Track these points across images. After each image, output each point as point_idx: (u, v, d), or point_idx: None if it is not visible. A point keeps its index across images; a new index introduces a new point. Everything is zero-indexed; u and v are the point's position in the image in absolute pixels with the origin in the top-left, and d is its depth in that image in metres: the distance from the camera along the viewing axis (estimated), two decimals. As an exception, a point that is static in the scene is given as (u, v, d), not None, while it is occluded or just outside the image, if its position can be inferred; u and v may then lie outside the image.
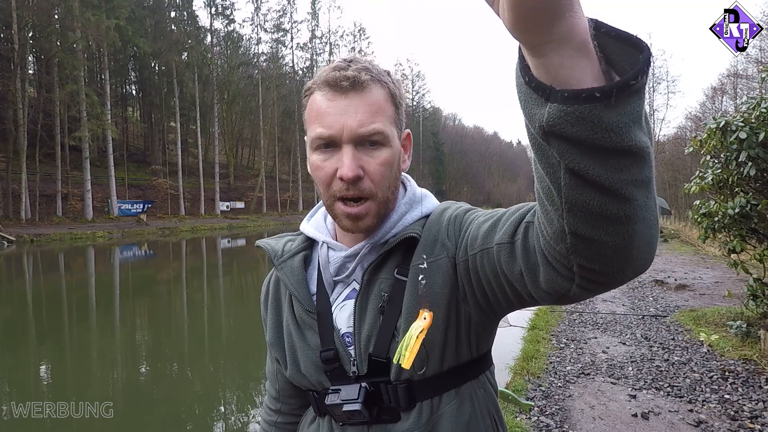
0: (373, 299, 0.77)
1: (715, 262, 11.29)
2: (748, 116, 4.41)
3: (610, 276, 0.49)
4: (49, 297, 10.60)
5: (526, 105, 0.41)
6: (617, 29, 0.39)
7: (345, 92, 0.71)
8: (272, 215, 45.29)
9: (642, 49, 0.38)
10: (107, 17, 30.96)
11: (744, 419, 3.20)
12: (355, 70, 0.72)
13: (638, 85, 0.37)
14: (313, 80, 0.76)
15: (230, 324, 8.27)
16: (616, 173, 0.41)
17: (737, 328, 4.86)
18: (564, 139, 0.40)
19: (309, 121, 0.75)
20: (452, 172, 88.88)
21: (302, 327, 0.83)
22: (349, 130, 0.71)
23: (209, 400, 4.86)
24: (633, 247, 0.46)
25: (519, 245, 0.60)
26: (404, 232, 0.78)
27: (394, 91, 0.76)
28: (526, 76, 0.40)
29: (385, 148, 0.74)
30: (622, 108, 0.38)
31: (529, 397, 3.64)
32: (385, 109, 0.74)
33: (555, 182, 0.44)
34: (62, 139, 30.21)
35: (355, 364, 0.78)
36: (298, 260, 0.86)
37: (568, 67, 0.37)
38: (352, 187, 0.72)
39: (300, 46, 56.30)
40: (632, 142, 0.39)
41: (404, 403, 0.76)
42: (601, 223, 0.44)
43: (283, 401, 0.96)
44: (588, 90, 0.37)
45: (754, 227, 4.61)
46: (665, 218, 27.34)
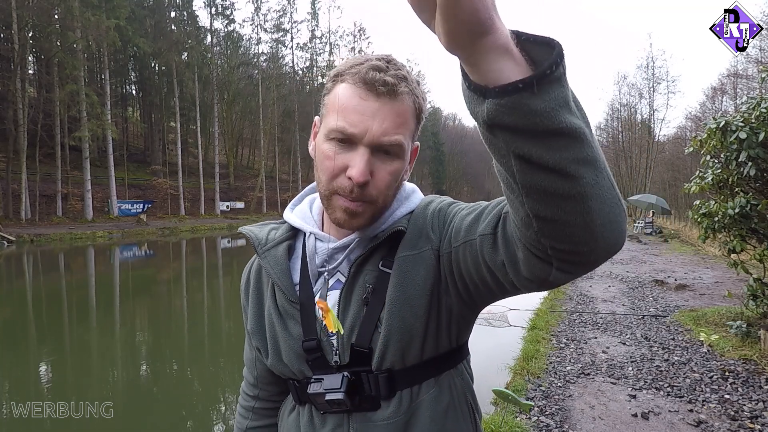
0: (358, 291, 0.79)
1: (715, 262, 11.29)
2: (748, 116, 4.41)
3: (581, 255, 0.53)
4: (49, 297, 10.60)
5: (470, 105, 0.47)
6: (533, 35, 0.46)
7: (378, 96, 0.71)
8: (272, 215, 45.26)
9: (553, 46, 0.44)
10: (107, 17, 30.96)
11: (744, 419, 3.21)
12: (394, 77, 0.71)
13: (555, 74, 0.43)
14: (347, 69, 0.74)
15: (230, 324, 8.27)
16: (557, 153, 0.46)
17: (737, 328, 4.86)
18: (504, 129, 0.45)
19: (332, 109, 0.74)
20: (452, 172, 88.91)
21: (284, 316, 0.83)
22: (371, 135, 0.71)
23: (209, 400, 4.86)
24: (594, 225, 0.50)
25: (500, 236, 0.63)
26: (392, 227, 0.79)
27: (422, 106, 0.77)
28: (466, 82, 0.46)
29: (398, 159, 0.75)
30: (546, 95, 0.43)
31: (529, 397, 3.64)
32: (409, 122, 0.74)
33: (509, 170, 0.49)
34: (62, 139, 30.19)
35: (337, 353, 0.79)
36: (282, 249, 0.85)
37: (497, 70, 0.43)
38: (356, 190, 0.72)
39: (300, 46, 56.29)
40: (563, 124, 0.44)
41: (385, 391, 0.77)
42: (557, 201, 0.48)
43: (261, 387, 0.97)
44: (513, 83, 0.43)
45: (754, 227, 4.61)
46: (665, 218, 27.33)
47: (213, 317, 8.71)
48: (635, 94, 43.26)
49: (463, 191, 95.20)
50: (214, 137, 46.49)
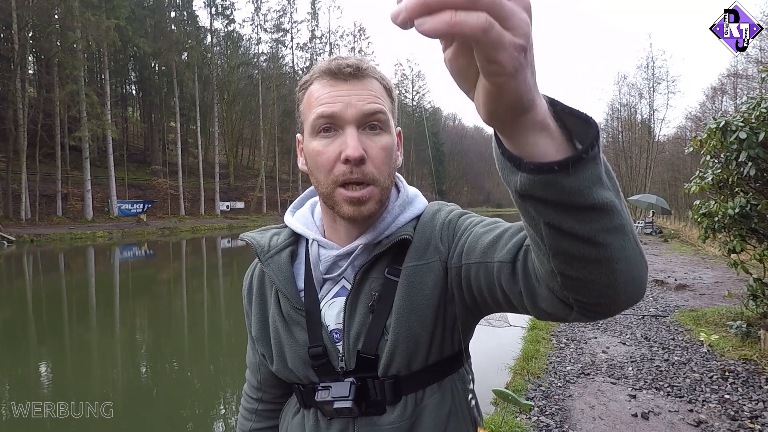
0: (364, 298, 0.79)
1: (715, 262, 11.29)
2: (748, 116, 4.41)
3: (604, 307, 0.54)
4: (49, 297, 10.60)
5: (502, 171, 0.47)
6: (570, 108, 0.46)
7: (346, 79, 0.73)
8: (272, 215, 45.27)
9: (591, 125, 0.45)
10: (107, 17, 30.97)
11: (744, 419, 3.20)
12: (355, 59, 0.75)
13: (591, 155, 0.44)
14: (310, 74, 0.78)
15: (230, 324, 8.27)
16: (588, 224, 0.47)
17: (737, 328, 4.86)
18: (537, 200, 0.46)
19: (308, 108, 0.76)
20: (452, 172, 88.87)
21: (289, 323, 0.83)
22: (353, 109, 0.72)
23: (209, 400, 4.86)
24: (619, 283, 0.51)
25: (520, 267, 0.63)
26: (397, 234, 0.79)
27: (390, 86, 0.80)
28: (500, 148, 0.46)
29: (386, 133, 0.76)
30: (581, 174, 0.44)
31: (529, 397, 3.64)
32: (383, 97, 0.77)
33: (538, 233, 0.49)
34: (62, 139, 30.21)
35: (343, 359, 0.79)
36: (285, 256, 0.85)
37: (533, 144, 0.43)
38: (356, 170, 0.72)
39: (300, 46, 56.31)
40: (595, 200, 0.45)
41: (390, 397, 0.78)
42: (584, 264, 0.49)
43: (265, 390, 0.97)
44: (548, 163, 0.43)
45: (754, 227, 4.61)
46: (665, 218, 27.34)
47: (213, 317, 8.71)
48: (635, 94, 43.20)
49: (463, 191, 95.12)
50: (214, 137, 46.50)
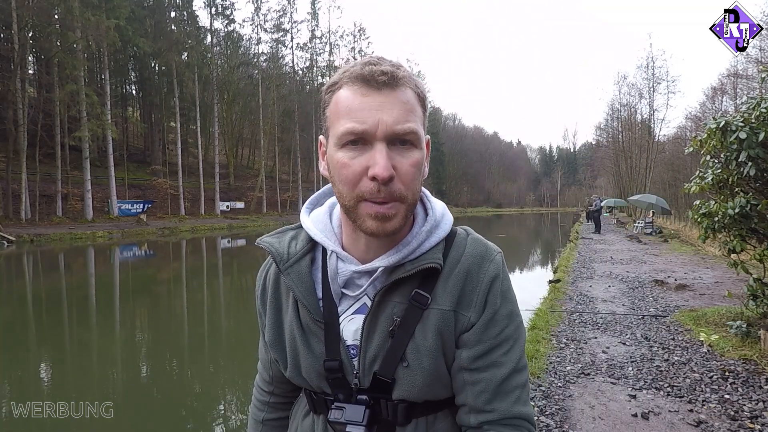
0: (384, 320, 0.77)
1: (715, 262, 11.29)
2: (748, 116, 4.41)
3: None
4: (49, 297, 10.60)
5: None
6: None
7: (380, 88, 0.69)
8: (272, 215, 45.27)
9: None
10: (107, 17, 30.93)
11: (744, 419, 3.20)
12: (390, 65, 0.70)
13: None
14: (340, 76, 0.72)
15: (230, 324, 8.27)
16: None
17: (737, 328, 4.86)
18: None
19: (336, 116, 0.71)
20: (452, 172, 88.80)
21: (308, 334, 0.82)
22: (384, 126, 0.68)
23: (209, 400, 4.86)
24: None
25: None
26: (423, 261, 0.76)
27: (423, 94, 0.75)
28: None
29: (416, 149, 0.71)
30: None
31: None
32: (416, 110, 0.72)
33: None
34: (62, 139, 30.19)
35: (357, 376, 0.79)
36: (305, 265, 0.82)
37: None
38: (383, 189, 0.68)
39: (300, 46, 56.25)
40: None
41: (402, 419, 0.78)
42: None
43: (276, 385, 0.97)
44: None
45: (754, 227, 4.61)
46: (665, 218, 27.33)
47: (213, 317, 8.71)
48: (635, 94, 43.06)
49: (463, 191, 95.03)
50: (214, 137, 46.47)
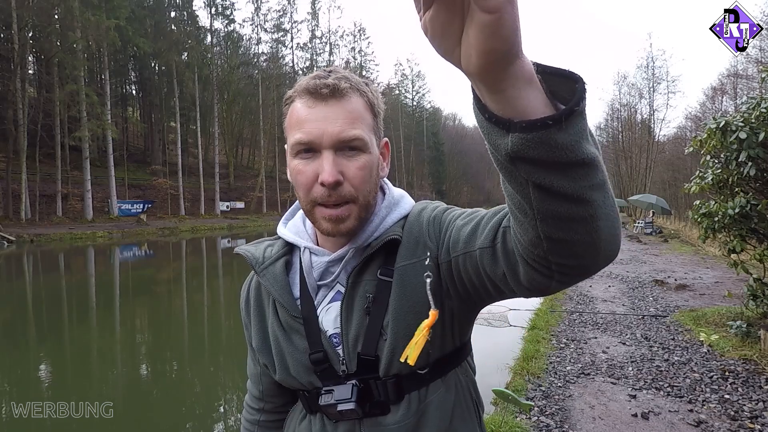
0: (359, 300, 0.80)
1: (715, 262, 11.29)
2: (748, 116, 4.41)
3: (585, 268, 0.56)
4: (49, 297, 10.60)
5: (489, 137, 0.47)
6: (553, 67, 0.47)
7: (325, 99, 0.73)
8: (272, 215, 45.26)
9: (576, 80, 0.46)
10: (107, 17, 30.95)
11: (744, 419, 3.21)
12: (335, 78, 0.74)
13: (581, 108, 0.44)
14: (293, 89, 0.78)
15: (230, 324, 8.27)
16: (577, 181, 0.47)
17: (737, 328, 4.86)
18: (528, 161, 0.46)
19: (289, 128, 0.77)
20: (452, 172, 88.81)
21: (288, 331, 0.84)
22: (329, 136, 0.73)
23: (209, 400, 4.86)
24: (600, 241, 0.52)
25: (500, 249, 0.64)
26: (386, 235, 0.80)
27: (373, 100, 0.79)
28: (485, 113, 0.45)
29: (364, 154, 0.76)
30: (571, 129, 0.44)
31: (529, 397, 3.64)
32: (364, 117, 0.76)
33: (525, 197, 0.50)
34: (62, 139, 30.21)
35: (344, 363, 0.80)
36: (280, 266, 0.87)
37: (523, 97, 0.43)
38: (333, 193, 0.74)
39: (300, 46, 56.33)
40: (584, 154, 0.46)
41: (393, 396, 0.79)
42: (571, 224, 0.50)
43: (267, 400, 0.98)
44: (542, 119, 0.43)
45: (754, 227, 4.61)
46: (665, 218, 27.34)
47: (213, 317, 8.71)
48: (635, 94, 43.10)
49: (463, 191, 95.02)
50: (214, 137, 46.47)
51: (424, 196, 77.49)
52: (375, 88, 0.81)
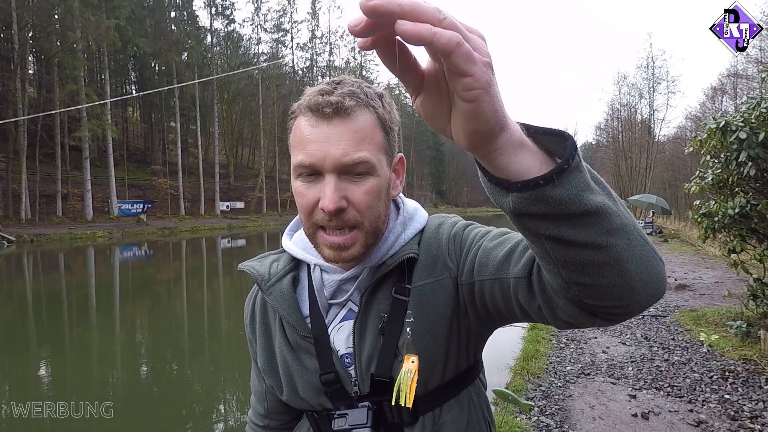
0: (373, 320, 0.77)
1: (715, 262, 11.28)
2: (748, 116, 4.41)
3: (626, 308, 0.54)
4: (49, 297, 10.60)
5: (494, 197, 0.49)
6: (542, 127, 0.49)
7: (328, 118, 0.67)
8: (272, 215, 45.27)
9: (566, 138, 0.47)
10: (107, 17, 30.96)
11: (744, 419, 3.20)
12: (340, 95, 0.68)
13: (572, 165, 0.46)
14: (298, 102, 0.72)
15: (230, 324, 8.26)
16: (586, 230, 0.48)
17: (737, 328, 4.85)
18: (532, 216, 0.48)
19: (292, 146, 0.72)
20: (452, 172, 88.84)
21: (297, 351, 0.81)
22: (331, 159, 0.67)
23: (209, 400, 4.86)
24: (633, 282, 0.51)
25: (536, 282, 0.62)
26: (402, 253, 0.77)
27: (384, 116, 0.72)
28: (486, 176, 0.48)
29: (372, 177, 0.70)
30: (567, 184, 0.46)
31: (529, 397, 3.64)
32: (372, 135, 0.70)
33: (541, 248, 0.51)
34: (62, 139, 30.21)
35: (356, 384, 0.78)
36: (287, 283, 0.83)
37: (515, 162, 0.46)
38: (335, 219, 0.69)
39: (300, 46, 56.39)
40: (587, 206, 0.47)
41: (408, 418, 0.77)
42: (594, 269, 0.50)
43: (272, 418, 0.95)
44: (534, 179, 0.45)
45: (754, 227, 4.61)
46: (665, 218, 27.34)
47: (213, 317, 8.71)
48: (635, 94, 43.03)
49: (463, 191, 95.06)
50: (214, 137, 46.47)
51: (424, 196, 77.55)
52: (389, 101, 0.75)
